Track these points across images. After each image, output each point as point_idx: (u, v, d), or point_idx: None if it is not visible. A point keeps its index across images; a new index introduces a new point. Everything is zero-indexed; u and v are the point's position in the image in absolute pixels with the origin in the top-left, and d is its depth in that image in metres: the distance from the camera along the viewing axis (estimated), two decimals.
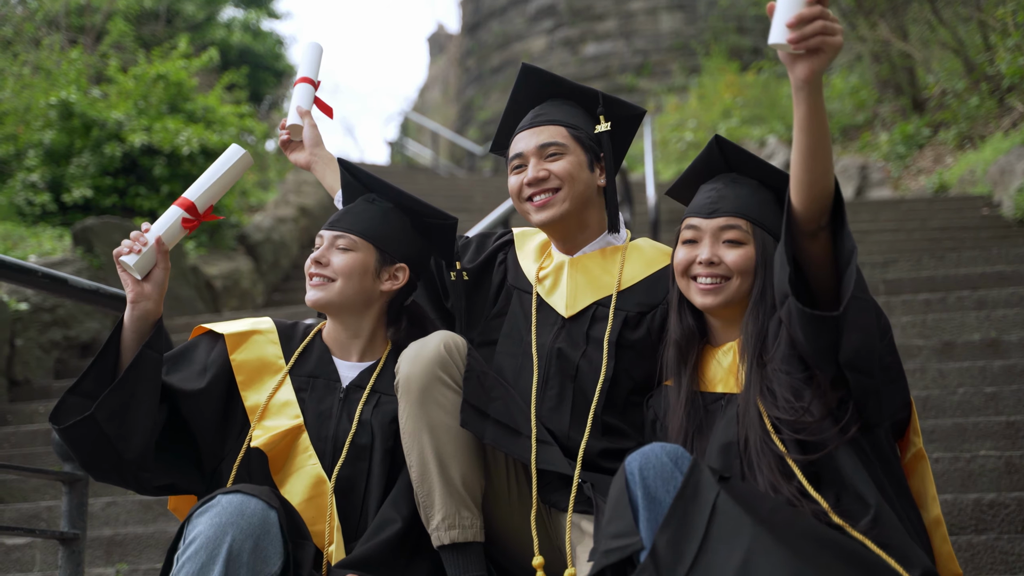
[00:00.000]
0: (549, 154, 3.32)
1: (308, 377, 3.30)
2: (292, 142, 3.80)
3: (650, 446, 2.61)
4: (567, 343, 3.27)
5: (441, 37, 39.65)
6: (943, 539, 2.83)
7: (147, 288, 3.13)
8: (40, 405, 7.48)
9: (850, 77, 17.56)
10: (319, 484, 3.14)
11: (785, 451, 2.72)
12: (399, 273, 3.37)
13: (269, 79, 19.63)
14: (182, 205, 3.20)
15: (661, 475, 2.55)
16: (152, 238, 3.14)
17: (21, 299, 8.04)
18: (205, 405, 3.21)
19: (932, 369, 6.08)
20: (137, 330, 3.13)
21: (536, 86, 3.44)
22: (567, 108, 3.40)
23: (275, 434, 3.16)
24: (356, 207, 3.40)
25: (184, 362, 3.28)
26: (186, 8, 18.32)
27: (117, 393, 3.03)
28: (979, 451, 5.15)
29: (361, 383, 3.30)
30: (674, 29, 24.46)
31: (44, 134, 10.87)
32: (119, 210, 10.72)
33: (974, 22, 14.02)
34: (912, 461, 2.92)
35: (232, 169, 3.28)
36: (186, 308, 9.65)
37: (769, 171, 3.08)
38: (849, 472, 2.68)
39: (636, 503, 2.54)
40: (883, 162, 14.77)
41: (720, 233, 3.00)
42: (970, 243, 9.68)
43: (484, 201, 13.86)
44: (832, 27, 2.48)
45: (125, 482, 3.16)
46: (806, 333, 2.65)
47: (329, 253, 3.32)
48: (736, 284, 2.97)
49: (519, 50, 25.68)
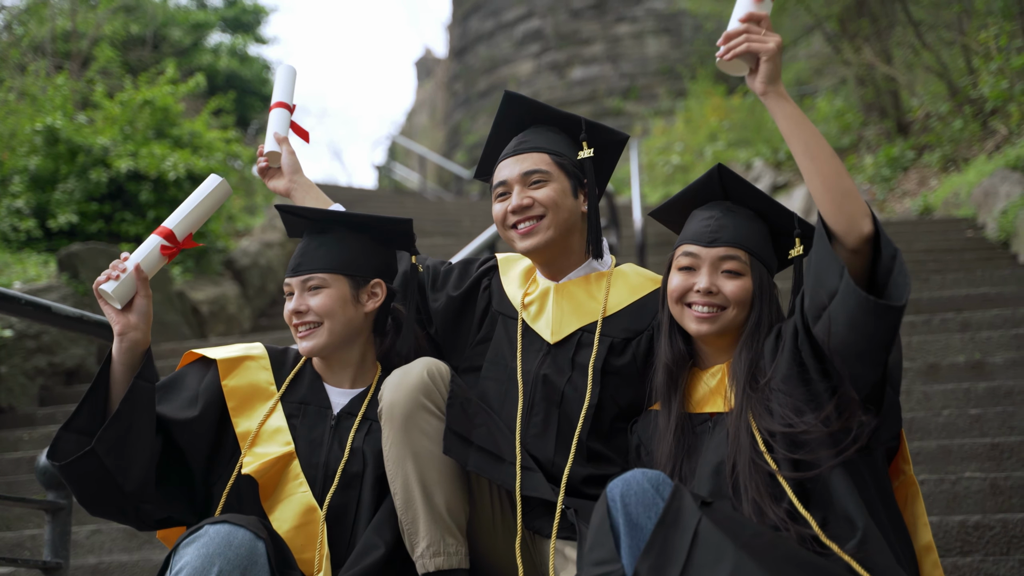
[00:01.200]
0: (533, 181, 3.32)
1: (299, 404, 3.29)
2: (271, 169, 3.76)
3: (631, 472, 2.61)
4: (552, 369, 3.27)
5: (429, 61, 39.79)
6: (934, 565, 2.83)
7: (132, 319, 3.12)
8: (24, 432, 7.43)
9: (835, 100, 17.67)
10: (309, 512, 3.13)
11: (776, 468, 2.73)
12: (376, 290, 3.36)
13: (256, 104, 19.65)
14: (161, 233, 3.20)
15: (642, 501, 2.56)
16: (131, 266, 3.13)
17: (5, 325, 8.01)
18: (198, 433, 3.20)
19: (917, 391, 6.09)
20: (126, 362, 3.12)
21: (519, 113, 3.45)
22: (550, 135, 3.41)
23: (266, 461, 3.15)
24: (310, 245, 3.35)
25: (174, 391, 3.27)
26: (173, 34, 18.35)
27: (115, 426, 3.02)
28: (964, 473, 5.16)
29: (352, 410, 3.29)
30: (660, 53, 24.61)
31: (29, 160, 10.85)
32: (105, 236, 10.69)
33: (957, 46, 14.12)
34: (901, 488, 2.92)
35: (210, 198, 3.29)
36: (172, 334, 9.62)
37: (767, 203, 3.09)
38: (839, 494, 2.68)
39: (618, 530, 2.55)
40: (868, 184, 14.84)
41: (719, 263, 3.00)
42: (955, 265, 9.71)
43: (472, 225, 13.88)
44: (758, 36, 2.76)
45: (125, 516, 3.15)
46: (858, 326, 2.64)
47: (304, 299, 3.30)
48: (732, 314, 2.98)
49: (506, 74, 25.81)
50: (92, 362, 8.78)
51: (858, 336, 2.65)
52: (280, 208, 3.44)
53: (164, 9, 19.01)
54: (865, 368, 2.67)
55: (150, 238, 3.21)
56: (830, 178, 2.73)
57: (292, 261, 3.35)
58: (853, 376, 2.69)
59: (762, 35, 2.77)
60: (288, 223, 3.46)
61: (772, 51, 2.76)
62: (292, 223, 3.45)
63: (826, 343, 2.69)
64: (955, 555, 4.48)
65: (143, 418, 3.07)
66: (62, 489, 3.95)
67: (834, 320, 2.67)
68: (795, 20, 17.27)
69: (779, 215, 3.07)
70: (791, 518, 2.69)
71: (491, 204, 3.43)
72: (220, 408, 3.24)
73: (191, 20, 19.23)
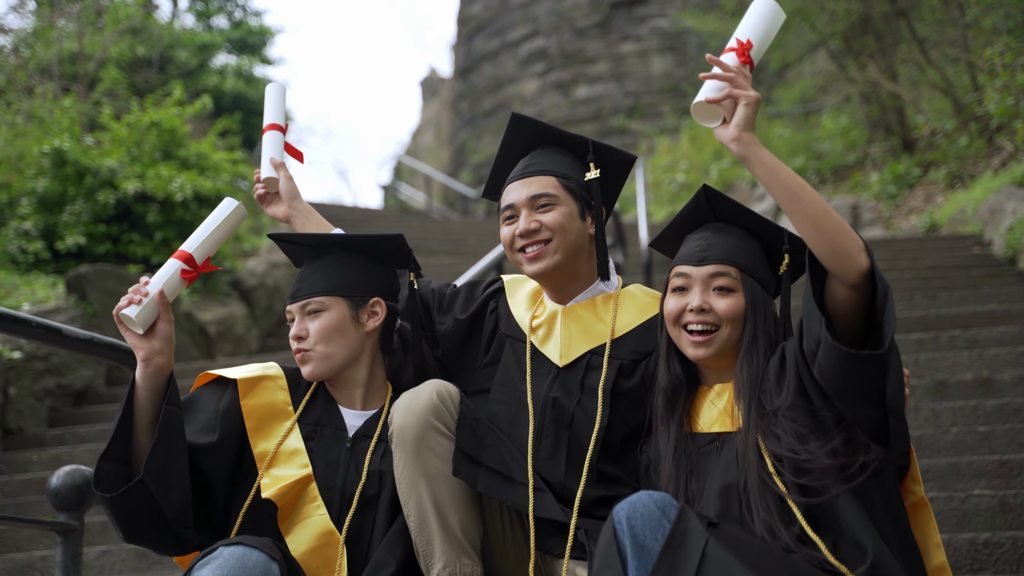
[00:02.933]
0: (540, 205, 3.33)
1: (315, 426, 3.30)
2: (269, 194, 3.74)
3: (637, 495, 2.62)
4: (562, 392, 3.28)
5: (434, 81, 39.89)
6: None
7: (156, 344, 3.11)
8: (33, 454, 7.44)
9: (840, 118, 17.69)
10: (327, 535, 3.13)
11: (786, 491, 2.73)
12: (376, 308, 3.37)
13: (262, 124, 19.70)
14: (180, 257, 3.20)
15: (649, 523, 2.57)
16: (154, 290, 3.13)
17: (14, 347, 8.03)
18: (220, 457, 3.21)
19: (925, 408, 6.08)
20: (151, 387, 3.12)
21: (526, 134, 3.46)
22: (557, 157, 3.41)
23: (284, 484, 3.15)
24: (307, 271, 3.38)
25: (191, 413, 3.27)
26: (179, 55, 18.41)
27: (157, 453, 3.03)
28: (973, 490, 5.15)
29: (367, 432, 3.30)
30: (665, 71, 24.65)
31: (37, 182, 10.89)
32: (113, 257, 10.73)
33: (962, 63, 14.13)
34: (912, 509, 2.91)
35: (227, 221, 3.30)
36: (180, 355, 9.63)
37: (755, 220, 3.10)
38: (849, 519, 2.68)
39: (624, 552, 2.56)
40: (874, 202, 14.84)
41: (710, 280, 3.02)
42: (961, 282, 9.70)
43: (478, 244, 13.91)
44: (744, 83, 2.80)
45: (164, 543, 3.14)
46: (847, 374, 2.64)
47: (304, 324, 3.31)
48: (726, 333, 2.99)
49: (511, 93, 25.86)
50: (101, 383, 8.79)
51: (849, 383, 2.65)
52: (273, 237, 3.44)
53: (170, 31, 19.09)
54: (865, 409, 2.67)
55: (169, 262, 3.21)
56: (819, 217, 2.71)
57: (292, 288, 3.38)
58: (856, 418, 2.69)
59: (746, 85, 2.79)
60: (289, 252, 3.48)
61: (753, 98, 2.77)
62: (294, 252, 3.48)
63: (824, 386, 2.71)
64: (965, 572, 4.47)
65: (178, 444, 3.08)
66: (74, 511, 3.95)
67: (823, 367, 2.69)
68: (800, 38, 17.31)
69: (769, 232, 3.08)
70: (801, 541, 2.69)
71: (497, 223, 3.43)
72: (240, 430, 3.25)
73: (197, 42, 19.30)
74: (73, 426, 8.10)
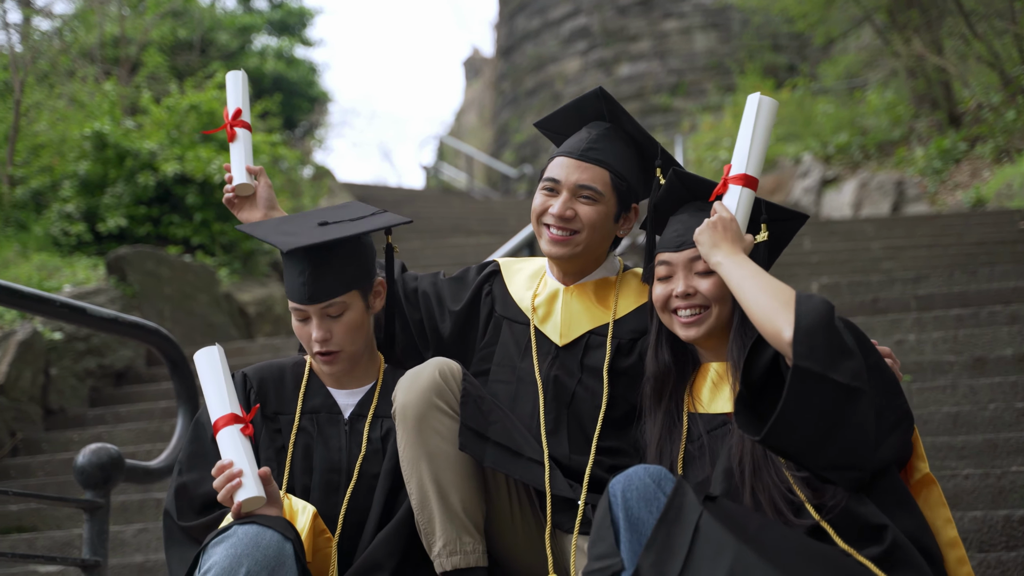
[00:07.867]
0: (583, 195, 3.27)
1: (311, 414, 3.28)
2: (240, 198, 3.55)
3: (634, 468, 2.62)
4: (562, 371, 3.28)
5: (476, 61, 39.86)
6: (959, 561, 2.76)
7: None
8: (74, 433, 7.53)
9: (886, 93, 17.50)
10: (327, 544, 3.12)
11: (785, 463, 2.71)
12: (379, 288, 3.32)
13: (303, 105, 19.75)
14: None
15: (644, 497, 2.57)
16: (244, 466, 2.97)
17: (55, 328, 8.11)
18: None
19: (963, 385, 6.00)
20: None
21: (599, 109, 3.36)
22: (620, 148, 3.32)
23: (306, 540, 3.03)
24: (316, 271, 3.16)
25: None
26: (220, 38, 18.47)
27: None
28: (1010, 467, 5.07)
29: (362, 411, 3.28)
30: (708, 48, 24.48)
31: (79, 165, 10.99)
32: (153, 239, 10.82)
33: (1010, 35, 13.93)
34: (917, 486, 2.84)
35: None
36: (219, 335, 9.71)
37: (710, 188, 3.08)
38: (855, 505, 2.64)
39: (618, 525, 2.56)
40: (919, 177, 14.67)
41: (691, 264, 3.00)
42: (1006, 257, 9.56)
43: (518, 224, 13.85)
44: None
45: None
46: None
47: (328, 325, 3.18)
48: (716, 312, 2.97)
49: (554, 72, 25.76)
50: (141, 364, 8.88)
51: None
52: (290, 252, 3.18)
53: (211, 13, 19.13)
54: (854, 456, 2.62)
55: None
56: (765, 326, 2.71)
57: (299, 288, 3.17)
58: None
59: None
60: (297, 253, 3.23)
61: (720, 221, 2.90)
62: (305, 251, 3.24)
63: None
64: (1000, 549, 4.41)
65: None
66: (100, 488, 3.99)
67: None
68: (844, 12, 17.14)
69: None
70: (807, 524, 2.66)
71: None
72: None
73: (238, 24, 19.34)
74: (113, 406, 8.19)
